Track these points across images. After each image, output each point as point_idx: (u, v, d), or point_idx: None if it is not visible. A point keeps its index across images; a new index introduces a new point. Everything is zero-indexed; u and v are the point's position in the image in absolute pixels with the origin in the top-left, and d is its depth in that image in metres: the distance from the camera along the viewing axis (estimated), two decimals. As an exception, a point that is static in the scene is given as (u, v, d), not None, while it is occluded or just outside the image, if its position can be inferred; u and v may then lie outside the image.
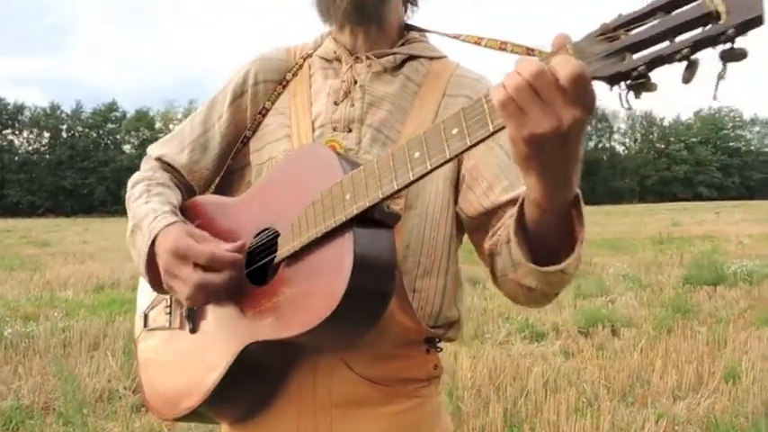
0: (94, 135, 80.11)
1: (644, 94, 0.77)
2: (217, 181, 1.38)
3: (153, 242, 1.17)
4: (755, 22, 0.68)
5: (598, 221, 27.97)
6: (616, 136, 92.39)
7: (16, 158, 76.85)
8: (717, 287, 8.68)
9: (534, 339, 6.23)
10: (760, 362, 5.12)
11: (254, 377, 1.15)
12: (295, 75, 1.33)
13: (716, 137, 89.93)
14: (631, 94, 0.77)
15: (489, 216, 1.15)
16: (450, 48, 1.28)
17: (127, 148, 80.00)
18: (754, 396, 4.44)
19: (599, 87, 0.78)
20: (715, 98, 0.72)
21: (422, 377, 1.21)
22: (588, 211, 0.99)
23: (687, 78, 0.73)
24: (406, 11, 1.34)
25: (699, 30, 0.71)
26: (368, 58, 1.26)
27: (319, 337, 1.01)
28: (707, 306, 7.61)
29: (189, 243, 1.11)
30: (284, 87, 1.33)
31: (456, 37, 1.20)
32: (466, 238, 1.29)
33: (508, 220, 1.07)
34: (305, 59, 1.34)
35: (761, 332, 6.20)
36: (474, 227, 1.20)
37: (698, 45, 0.71)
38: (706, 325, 6.64)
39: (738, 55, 0.70)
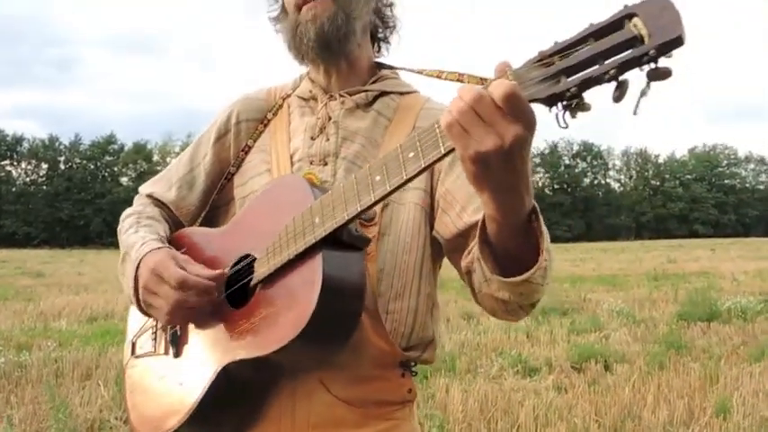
0: (92, 167, 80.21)
1: (579, 114, 0.83)
2: (203, 215, 1.46)
3: (138, 266, 1.23)
4: (676, 42, 0.75)
5: (594, 258, 28.03)
6: (611, 173, 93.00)
7: (13, 189, 76.81)
8: (711, 323, 8.68)
9: (527, 374, 6.22)
10: (751, 397, 5.13)
11: (235, 399, 1.19)
12: (275, 114, 1.42)
13: (711, 174, 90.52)
14: (567, 114, 0.84)
15: (464, 236, 1.21)
16: (426, 82, 1.35)
17: (124, 180, 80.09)
18: (744, 431, 4.44)
19: (539, 109, 0.85)
20: (635, 113, 0.79)
21: (396, 400, 1.25)
22: (584, 247, 1.05)
23: (617, 97, 0.79)
24: (379, 50, 1.43)
25: (626, 53, 0.78)
26: (341, 95, 1.34)
27: (292, 355, 1.06)
28: (700, 342, 7.61)
29: (167, 264, 1.17)
30: (265, 126, 1.41)
31: (420, 72, 1.29)
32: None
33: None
34: (284, 99, 1.43)
35: (753, 368, 6.20)
36: (452, 248, 1.25)
37: (623, 66, 0.78)
38: (699, 361, 6.64)
39: (663, 74, 0.77)
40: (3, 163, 78.40)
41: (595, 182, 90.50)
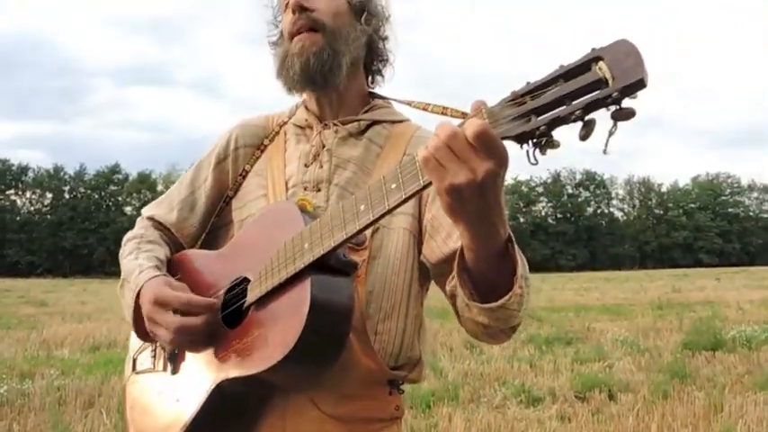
0: (96, 197, 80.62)
1: (548, 151, 0.88)
2: (203, 237, 1.51)
3: (138, 294, 1.28)
4: (638, 85, 0.80)
5: (598, 287, 27.90)
6: (614, 202, 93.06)
7: (18, 218, 77.09)
8: (715, 352, 8.63)
9: (530, 404, 6.18)
10: (756, 426, 5.09)
11: (228, 416, 1.22)
12: (272, 140, 1.47)
13: (714, 203, 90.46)
14: (537, 150, 0.88)
15: (449, 262, 1.23)
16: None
17: (128, 209, 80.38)
18: (749, 461, 4.41)
19: (511, 146, 0.90)
20: (605, 152, 0.84)
21: (385, 417, 1.28)
22: (588, 277, 1.09)
23: (584, 136, 0.84)
24: (373, 81, 1.48)
25: (592, 94, 0.83)
26: (335, 124, 1.40)
27: (281, 374, 1.09)
28: (705, 371, 7.56)
29: (167, 291, 1.22)
30: (262, 152, 1.47)
31: (408, 103, 1.33)
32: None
33: None
34: (281, 127, 1.48)
35: (758, 397, 6.15)
36: (438, 273, 1.29)
37: (589, 107, 0.83)
38: (703, 390, 6.59)
39: (627, 114, 0.82)
40: (8, 192, 78.81)
41: (599, 211, 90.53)
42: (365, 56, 1.44)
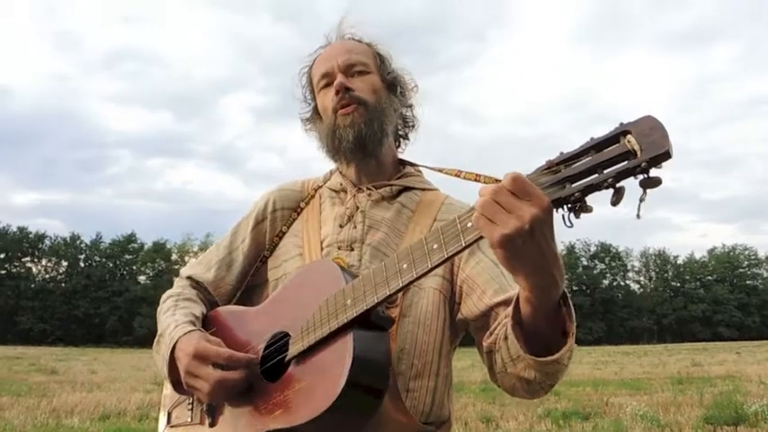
0: (111, 265, 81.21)
1: (582, 215, 0.97)
2: (238, 295, 1.57)
3: (174, 348, 1.33)
4: (664, 156, 0.89)
5: (616, 361, 27.37)
6: (630, 274, 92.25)
7: (32, 286, 77.50)
8: (738, 427, 8.39)
9: (549, 479, 6.01)
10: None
11: None
12: (307, 203, 1.56)
13: (732, 275, 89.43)
14: (572, 215, 0.97)
15: (486, 316, 1.31)
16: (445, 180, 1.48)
17: (142, 278, 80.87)
18: None
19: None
20: (638, 217, 0.92)
21: None
22: (606, 350, 1.13)
23: (615, 202, 0.92)
24: (399, 145, 1.58)
25: (622, 164, 0.92)
26: (368, 188, 1.48)
27: (322, 426, 1.12)
28: (728, 447, 7.34)
29: (207, 347, 1.27)
30: (298, 214, 1.55)
31: (440, 170, 1.44)
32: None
33: (504, 319, 1.21)
34: (316, 191, 1.58)
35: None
36: (476, 328, 1.35)
37: (620, 176, 0.92)
38: (727, 467, 6.38)
39: (654, 182, 0.90)
40: (23, 260, 79.53)
41: (614, 283, 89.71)
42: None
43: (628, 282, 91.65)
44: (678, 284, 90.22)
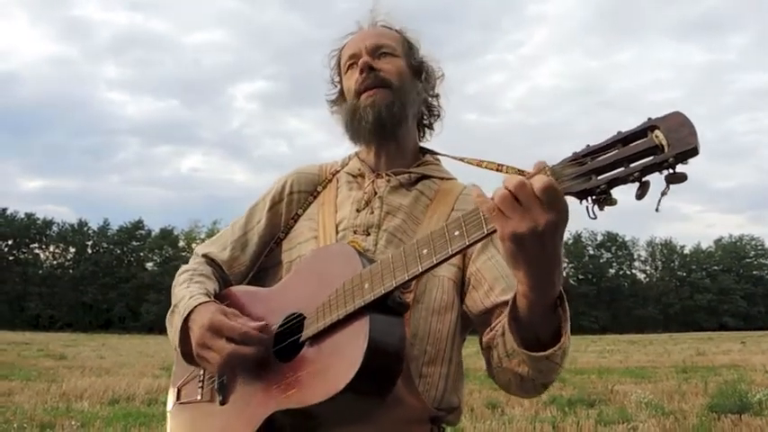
0: (119, 252, 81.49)
1: (606, 208, 0.97)
2: (251, 275, 1.59)
3: (187, 318, 1.35)
4: (691, 152, 0.90)
5: (621, 350, 27.39)
6: (636, 263, 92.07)
7: (40, 272, 77.83)
8: (742, 415, 8.42)
9: (553, 465, 6.06)
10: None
11: None
12: (324, 187, 1.57)
13: (738, 265, 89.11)
14: (596, 207, 0.98)
15: (490, 314, 1.33)
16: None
17: (149, 265, 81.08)
18: None
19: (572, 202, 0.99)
20: (657, 210, 0.94)
21: None
22: (611, 339, 1.15)
23: (639, 195, 0.94)
24: (423, 135, 1.59)
25: (648, 158, 0.93)
26: (387, 174, 1.49)
27: (334, 407, 1.15)
28: (731, 435, 7.38)
29: (222, 319, 1.29)
30: (314, 197, 1.56)
31: (461, 159, 1.44)
32: None
33: (504, 316, 1.23)
34: (334, 175, 1.58)
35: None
36: (479, 323, 1.37)
37: (646, 170, 0.93)
38: (731, 454, 6.42)
39: (679, 178, 0.92)
40: (31, 246, 79.87)
41: (621, 272, 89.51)
42: (420, 111, 1.56)
43: (634, 271, 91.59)
44: (684, 274, 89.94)
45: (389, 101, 1.44)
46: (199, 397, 1.44)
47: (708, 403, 9.29)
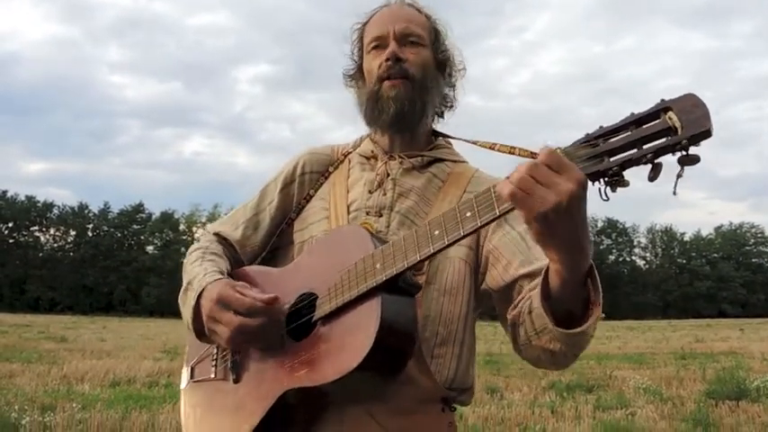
0: (119, 235, 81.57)
1: (618, 189, 0.97)
2: (263, 255, 1.59)
3: (200, 295, 1.36)
4: (704, 134, 0.90)
5: (620, 336, 27.51)
6: (636, 250, 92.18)
7: (40, 255, 77.99)
8: (739, 402, 8.48)
9: (552, 449, 6.12)
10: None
11: (287, 426, 1.28)
12: (336, 168, 1.57)
13: (738, 253, 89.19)
14: (609, 188, 0.97)
15: (510, 288, 1.33)
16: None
17: (150, 248, 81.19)
18: None
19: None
20: (674, 193, 0.93)
21: None
22: (610, 325, 1.15)
23: (652, 177, 0.94)
24: (434, 119, 1.57)
25: (661, 140, 0.92)
26: (400, 156, 1.49)
27: (347, 386, 1.16)
28: (728, 420, 7.43)
29: (230, 292, 1.30)
30: (326, 178, 1.57)
31: (474, 142, 1.44)
32: None
33: (529, 293, 1.24)
34: (346, 156, 1.58)
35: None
36: (499, 299, 1.37)
37: (659, 152, 0.93)
38: (728, 440, 6.47)
39: (692, 159, 0.91)
40: (32, 229, 79.94)
41: (620, 259, 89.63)
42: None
43: (634, 258, 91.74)
44: (684, 261, 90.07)
45: (411, 96, 1.43)
46: (212, 375, 1.45)
47: (706, 390, 9.36)
